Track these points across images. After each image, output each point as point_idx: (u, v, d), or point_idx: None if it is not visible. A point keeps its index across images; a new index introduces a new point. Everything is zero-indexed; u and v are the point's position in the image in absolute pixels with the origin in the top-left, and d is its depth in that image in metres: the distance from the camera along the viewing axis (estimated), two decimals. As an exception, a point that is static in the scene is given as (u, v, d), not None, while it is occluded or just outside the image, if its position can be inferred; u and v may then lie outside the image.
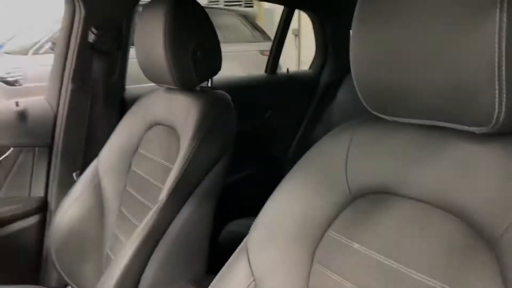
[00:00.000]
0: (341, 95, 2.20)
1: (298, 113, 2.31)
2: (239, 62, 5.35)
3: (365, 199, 0.67)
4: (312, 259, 0.69)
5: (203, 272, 1.13)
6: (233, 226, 1.72)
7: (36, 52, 4.65)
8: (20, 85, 4.46)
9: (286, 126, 2.28)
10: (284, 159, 2.25)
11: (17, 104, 1.49)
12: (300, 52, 6.39)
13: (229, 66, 5.28)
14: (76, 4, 1.43)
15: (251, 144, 2.07)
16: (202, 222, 1.12)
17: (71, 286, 1.32)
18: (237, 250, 0.80)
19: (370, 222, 0.65)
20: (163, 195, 1.06)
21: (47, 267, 1.51)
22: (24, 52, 4.77)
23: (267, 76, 2.26)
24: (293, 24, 6.12)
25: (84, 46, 1.47)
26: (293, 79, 2.35)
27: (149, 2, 1.18)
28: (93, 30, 1.45)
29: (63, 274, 1.30)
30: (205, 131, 1.10)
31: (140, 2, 1.55)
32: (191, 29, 1.14)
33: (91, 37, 1.45)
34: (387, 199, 0.64)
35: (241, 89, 2.08)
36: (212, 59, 1.18)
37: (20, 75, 4.48)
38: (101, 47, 1.48)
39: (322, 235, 0.69)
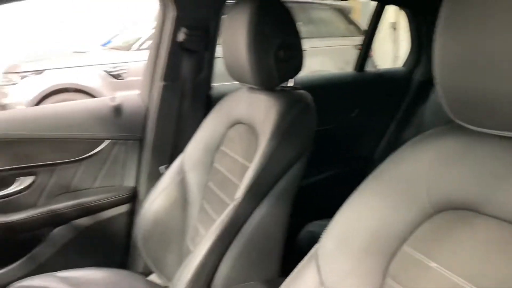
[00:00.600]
0: (435, 95, 2.07)
1: (387, 113, 2.21)
2: (333, 57, 5.27)
3: (445, 215, 0.62)
4: (385, 274, 0.65)
5: (276, 273, 1.13)
6: (313, 226, 1.70)
7: (138, 48, 4.96)
8: (122, 79, 4.79)
9: (374, 126, 2.19)
10: (370, 161, 2.18)
11: (112, 99, 1.60)
12: (398, 47, 6.13)
13: (322, 61, 5.24)
14: (168, 4, 1.50)
15: (337, 144, 2.03)
16: (277, 222, 1.12)
17: (156, 274, 1.39)
18: (307, 256, 0.78)
19: (449, 240, 0.60)
20: (239, 193, 1.07)
21: (135, 254, 1.60)
22: (128, 47, 5.11)
23: (355, 74, 2.19)
24: (392, 17, 5.88)
25: (174, 45, 1.53)
26: (383, 77, 2.25)
27: (235, 2, 1.19)
28: (183, 29, 1.50)
29: (148, 261, 1.37)
30: (283, 131, 1.09)
31: (228, 2, 1.57)
32: (275, 29, 1.14)
33: (181, 36, 1.51)
34: (470, 217, 0.59)
35: (326, 88, 2.04)
36: (294, 58, 1.17)
37: (123, 70, 4.81)
38: (190, 46, 1.54)
39: (397, 250, 0.65)
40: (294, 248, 1.50)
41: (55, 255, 1.51)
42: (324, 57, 5.37)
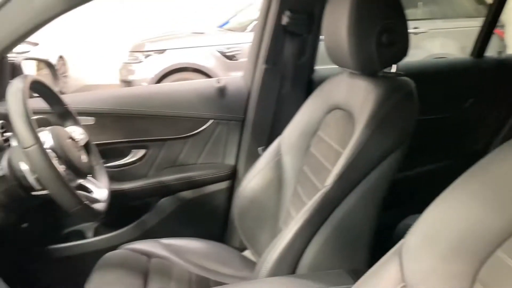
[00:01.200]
0: None
1: (507, 104, 2.00)
2: (456, 39, 4.89)
3: None
4: (475, 279, 0.61)
5: (364, 264, 1.11)
6: (412, 219, 1.63)
7: (252, 29, 5.05)
8: (236, 60, 4.95)
9: (490, 119, 2.00)
10: (482, 155, 2.00)
11: (218, 81, 1.67)
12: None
13: (444, 44, 4.87)
14: (273, -13, 1.51)
15: (447, 136, 1.91)
16: (367, 213, 1.09)
17: (250, 250, 1.45)
18: (391, 251, 0.76)
19: None
20: (330, 180, 1.06)
21: (232, 229, 1.68)
22: (243, 28, 5.24)
23: (472, 60, 2.01)
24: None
25: (278, 28, 1.54)
26: (505, 64, 2.03)
27: None
28: (287, 12, 1.51)
29: (243, 237, 1.43)
30: (379, 119, 1.05)
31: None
32: (378, 12, 1.09)
33: (285, 20, 1.52)
34: None
35: (436, 75, 1.91)
36: (398, 43, 1.11)
37: (237, 51, 4.96)
38: (293, 29, 1.54)
39: (489, 254, 0.60)
40: (390, 240, 1.45)
41: (160, 223, 1.65)
42: (446, 39, 5.02)
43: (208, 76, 4.93)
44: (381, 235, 1.14)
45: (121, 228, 1.63)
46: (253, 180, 1.40)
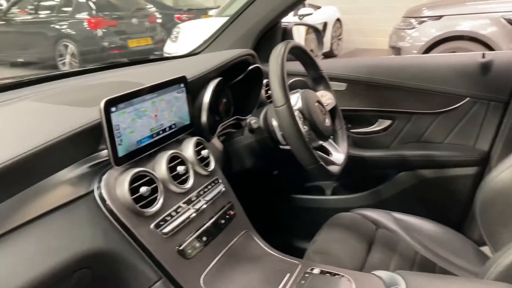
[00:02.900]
0: None
1: None
2: None
3: None
4: None
5: None
6: None
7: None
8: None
9: None
10: None
11: (483, 55, 1.50)
12: None
13: None
14: None
15: None
16: None
17: (489, 247, 1.31)
18: None
19: None
20: None
21: (472, 220, 1.54)
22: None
23: None
24: None
25: None
26: None
27: None
28: None
29: (482, 231, 1.30)
30: None
31: None
32: None
33: None
34: None
35: None
36: None
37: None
38: None
39: None
40: None
41: (394, 196, 1.64)
42: None
43: (487, 46, 4.42)
44: None
45: (356, 193, 1.69)
46: (507, 171, 1.24)
